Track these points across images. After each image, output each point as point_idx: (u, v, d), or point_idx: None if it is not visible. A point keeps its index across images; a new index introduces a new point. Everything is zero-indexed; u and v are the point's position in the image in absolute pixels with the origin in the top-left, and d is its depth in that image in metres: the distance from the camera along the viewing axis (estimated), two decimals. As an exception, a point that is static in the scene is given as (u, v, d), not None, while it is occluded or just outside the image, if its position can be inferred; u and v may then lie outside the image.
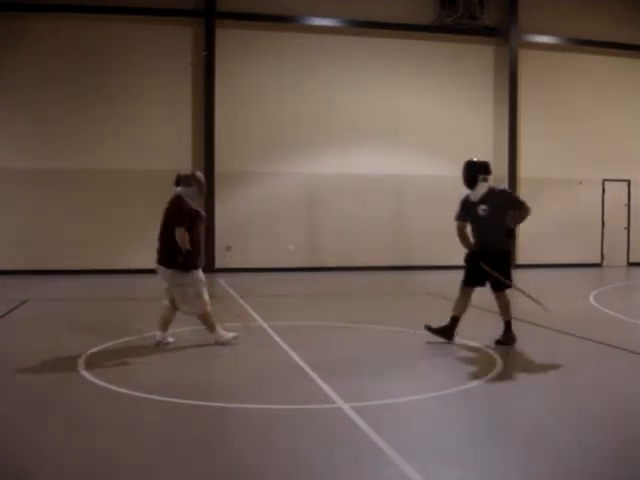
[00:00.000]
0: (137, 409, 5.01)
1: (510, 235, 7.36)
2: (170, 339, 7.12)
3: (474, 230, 7.40)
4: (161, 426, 4.61)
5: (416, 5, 16.81)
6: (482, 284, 7.34)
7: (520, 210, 7.15)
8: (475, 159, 7.46)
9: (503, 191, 7.52)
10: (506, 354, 6.78)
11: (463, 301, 7.39)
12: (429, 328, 7.38)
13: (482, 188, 7.25)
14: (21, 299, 10.58)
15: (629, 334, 8.27)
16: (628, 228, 18.32)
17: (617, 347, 7.13)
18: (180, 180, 7.09)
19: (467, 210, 7.35)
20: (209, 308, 7.07)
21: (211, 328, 7.11)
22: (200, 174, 7.24)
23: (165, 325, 7.06)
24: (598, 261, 18.11)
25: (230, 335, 7.14)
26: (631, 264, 18.25)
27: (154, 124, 15.53)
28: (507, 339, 7.23)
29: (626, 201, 18.32)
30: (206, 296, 7.07)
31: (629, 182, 18.30)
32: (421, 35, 16.82)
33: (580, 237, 17.80)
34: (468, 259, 7.40)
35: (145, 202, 14.36)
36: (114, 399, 5.20)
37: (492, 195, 7.24)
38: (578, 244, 17.80)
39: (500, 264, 7.22)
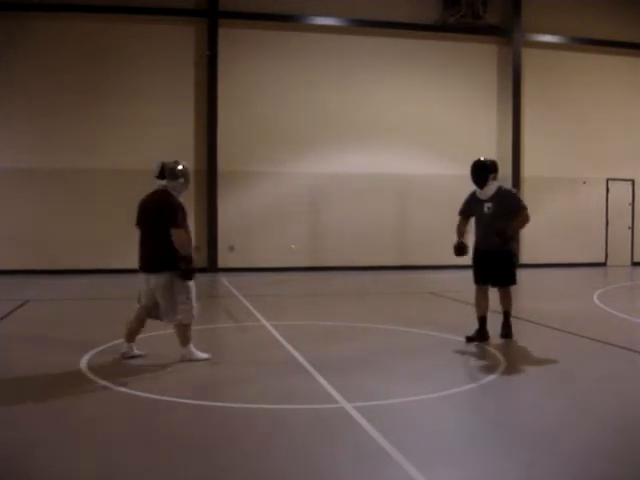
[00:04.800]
0: (138, 409, 4.99)
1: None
2: (137, 351, 6.47)
3: (478, 227, 7.45)
4: (162, 426, 4.59)
5: (419, 4, 16.80)
6: (490, 281, 7.37)
7: (519, 217, 7.23)
8: (483, 158, 7.44)
9: (511, 192, 7.52)
10: (510, 354, 6.75)
11: (479, 299, 7.44)
12: (468, 338, 7.31)
13: (492, 187, 7.29)
14: (23, 299, 10.58)
15: (632, 334, 8.24)
16: (632, 228, 18.28)
17: (621, 347, 7.10)
18: (165, 172, 6.34)
19: (471, 206, 7.44)
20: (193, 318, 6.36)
21: (185, 341, 6.33)
22: (186, 165, 6.49)
23: (132, 336, 6.44)
24: (602, 260, 18.06)
25: (204, 355, 6.37)
26: (635, 264, 18.22)
27: (156, 124, 15.52)
28: (509, 330, 7.37)
29: (630, 200, 18.28)
30: (195, 305, 6.34)
31: (633, 182, 18.27)
32: (424, 34, 16.81)
33: (584, 236, 17.76)
34: (474, 258, 7.44)
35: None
36: (116, 399, 5.19)
37: (499, 194, 7.29)
38: (582, 243, 17.76)
39: (503, 262, 7.26)
